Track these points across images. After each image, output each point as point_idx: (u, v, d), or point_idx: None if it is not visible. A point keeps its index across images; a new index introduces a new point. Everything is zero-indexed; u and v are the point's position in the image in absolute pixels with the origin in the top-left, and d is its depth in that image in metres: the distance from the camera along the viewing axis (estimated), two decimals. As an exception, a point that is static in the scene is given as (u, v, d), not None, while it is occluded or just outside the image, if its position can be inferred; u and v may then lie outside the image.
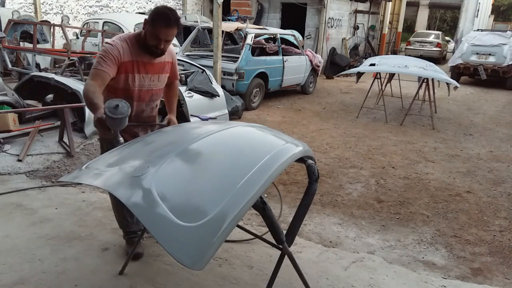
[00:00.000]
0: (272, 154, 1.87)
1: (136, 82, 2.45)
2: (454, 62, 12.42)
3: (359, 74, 8.53)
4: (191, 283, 2.60)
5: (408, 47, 19.27)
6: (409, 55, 15.05)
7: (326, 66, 12.67)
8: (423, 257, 3.12)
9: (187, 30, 9.41)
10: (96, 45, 8.94)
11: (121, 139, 2.13)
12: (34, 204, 3.54)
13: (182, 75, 6.23)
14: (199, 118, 3.53)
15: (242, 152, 1.97)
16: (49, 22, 10.00)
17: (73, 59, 7.03)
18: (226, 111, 6.37)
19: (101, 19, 9.79)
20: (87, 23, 10.03)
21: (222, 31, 7.56)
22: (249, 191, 1.61)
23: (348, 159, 5.30)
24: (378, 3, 16.47)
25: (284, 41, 9.52)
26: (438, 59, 17.91)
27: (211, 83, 6.24)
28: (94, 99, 2.17)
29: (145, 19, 2.36)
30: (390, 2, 17.63)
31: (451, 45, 19.68)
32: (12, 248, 2.85)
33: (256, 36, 8.27)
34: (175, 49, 8.66)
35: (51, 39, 8.96)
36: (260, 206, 1.78)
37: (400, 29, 20.98)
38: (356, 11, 14.80)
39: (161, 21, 2.28)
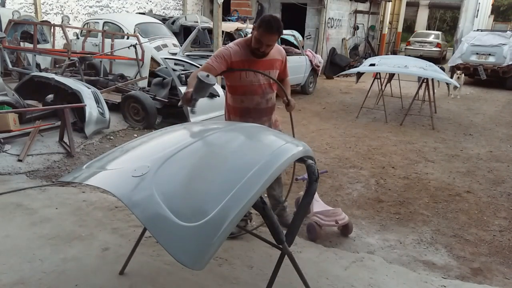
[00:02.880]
0: (272, 154, 1.87)
1: (248, 78, 2.81)
2: (454, 62, 12.42)
3: (359, 74, 8.53)
4: (191, 283, 2.60)
5: (408, 47, 19.25)
6: (409, 55, 15.03)
7: (326, 66, 12.67)
8: (423, 257, 3.12)
9: (187, 30, 9.40)
10: (96, 45, 8.90)
11: (196, 109, 2.50)
12: (35, 204, 3.55)
13: (183, 75, 6.23)
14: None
15: (242, 152, 1.97)
16: (50, 22, 10.00)
17: (73, 59, 7.03)
18: (226, 111, 6.36)
19: (101, 19, 9.77)
20: (87, 23, 10.03)
21: (222, 32, 7.56)
22: (249, 191, 1.61)
23: (348, 159, 5.30)
24: (378, 3, 16.47)
25: (284, 41, 9.52)
26: (438, 59, 17.90)
27: (211, 83, 6.23)
28: (192, 80, 2.56)
29: (254, 25, 2.72)
30: (390, 2, 17.63)
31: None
32: (13, 248, 2.85)
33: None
34: (175, 49, 8.70)
35: (52, 39, 8.97)
36: (260, 206, 1.78)
37: (400, 29, 20.98)
38: (356, 11, 14.80)
39: (264, 28, 2.62)
